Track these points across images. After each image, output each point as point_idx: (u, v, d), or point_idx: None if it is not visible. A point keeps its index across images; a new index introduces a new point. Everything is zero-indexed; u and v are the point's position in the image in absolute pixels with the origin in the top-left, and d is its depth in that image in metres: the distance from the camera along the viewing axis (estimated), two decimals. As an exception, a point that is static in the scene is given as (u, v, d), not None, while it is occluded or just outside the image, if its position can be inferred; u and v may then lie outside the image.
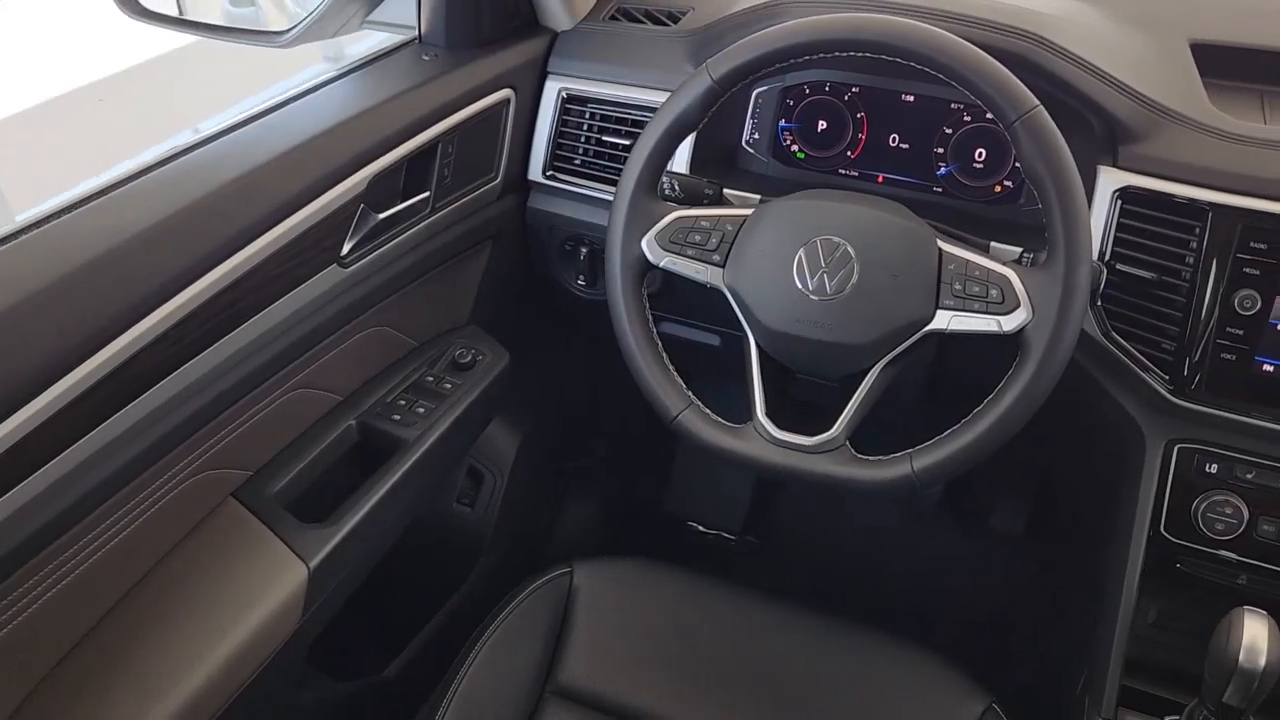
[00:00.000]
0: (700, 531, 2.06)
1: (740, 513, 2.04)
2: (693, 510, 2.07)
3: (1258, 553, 1.11)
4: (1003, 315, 0.98)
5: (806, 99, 1.30)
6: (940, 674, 1.20)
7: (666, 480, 2.09)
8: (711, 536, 2.06)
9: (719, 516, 2.05)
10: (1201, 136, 1.08)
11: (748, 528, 2.04)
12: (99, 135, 2.69)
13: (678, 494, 2.08)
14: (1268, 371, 1.06)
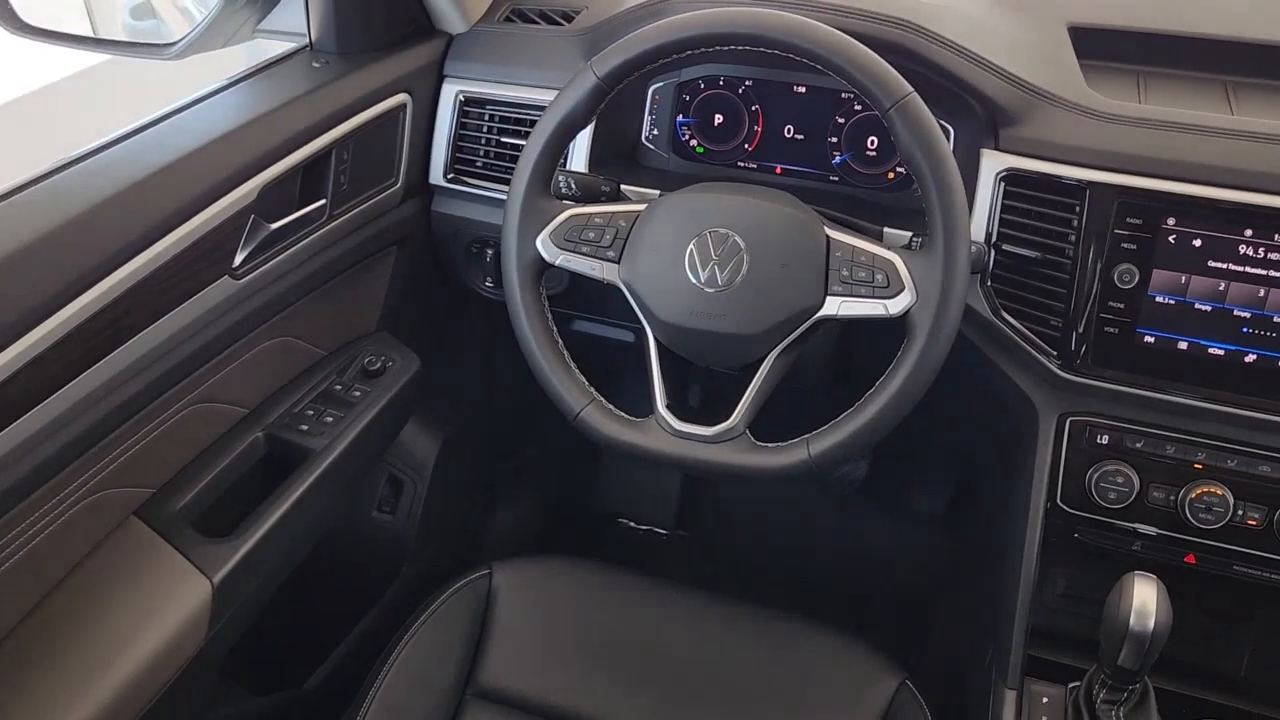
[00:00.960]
0: (632, 528, 2.07)
1: (670, 507, 2.05)
2: (624, 507, 2.08)
3: (1150, 519, 1.14)
4: (888, 299, 1.00)
5: (702, 94, 1.31)
6: (854, 655, 1.22)
7: (597, 478, 2.10)
8: (643, 532, 2.07)
9: (650, 512, 2.06)
10: (1078, 117, 1.11)
11: (679, 522, 2.06)
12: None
13: (608, 491, 2.09)
14: (1149, 343, 1.09)
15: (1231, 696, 1.22)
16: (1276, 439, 1.10)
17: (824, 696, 1.18)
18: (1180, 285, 1.07)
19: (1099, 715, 1.03)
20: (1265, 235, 1.04)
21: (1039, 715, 1.14)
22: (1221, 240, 1.05)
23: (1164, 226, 1.06)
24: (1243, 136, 1.07)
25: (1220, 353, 1.07)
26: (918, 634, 1.80)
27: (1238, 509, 1.11)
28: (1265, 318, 1.05)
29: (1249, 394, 1.08)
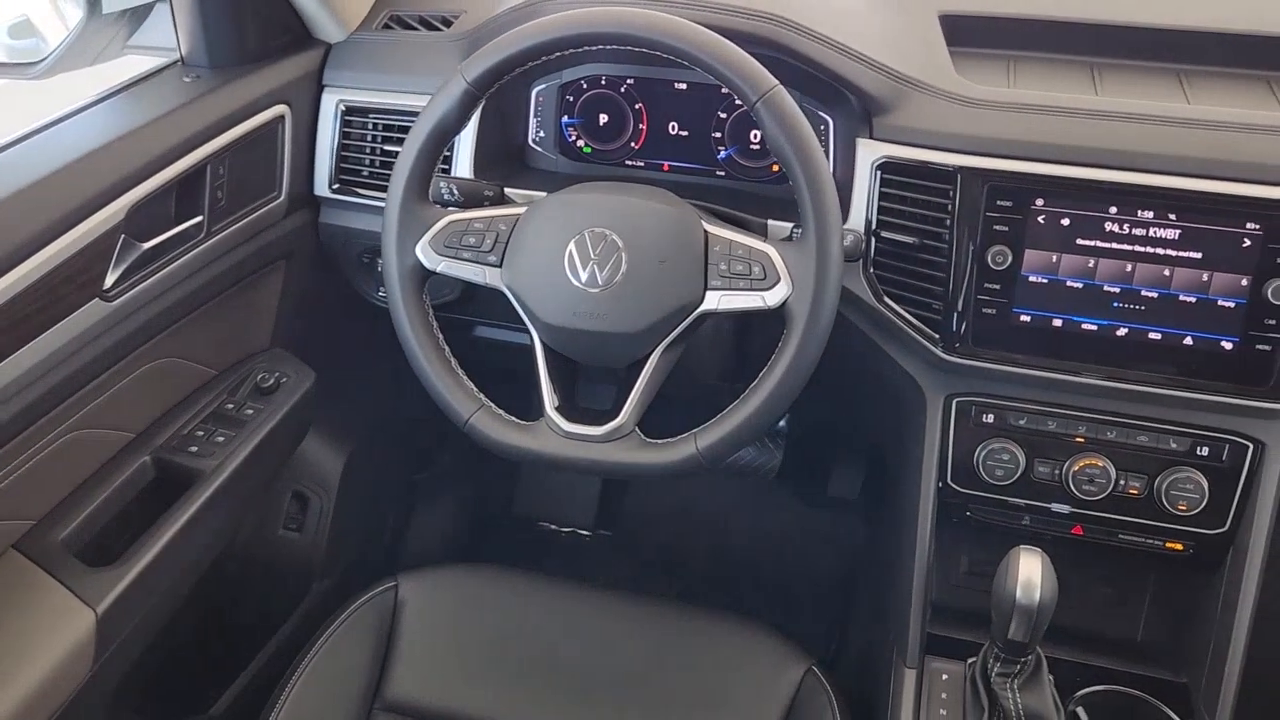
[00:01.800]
0: (554, 531, 2.07)
1: (592, 508, 2.05)
2: (545, 510, 2.07)
3: (1036, 493, 1.17)
4: (766, 291, 1.01)
5: (585, 94, 1.31)
6: (761, 644, 1.23)
7: (517, 483, 2.09)
8: (566, 534, 2.07)
9: (571, 513, 2.06)
10: (948, 104, 1.13)
11: (600, 522, 2.06)
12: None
13: (529, 495, 2.09)
14: (1026, 322, 1.11)
15: (1128, 661, 1.25)
16: (1152, 409, 1.13)
17: (731, 688, 1.19)
18: (1052, 264, 1.09)
19: (994, 688, 1.05)
20: (1129, 212, 1.07)
21: (939, 692, 1.16)
22: (1088, 219, 1.08)
23: (1033, 207, 1.08)
24: (1106, 117, 1.10)
25: (1093, 328, 1.10)
26: (837, 620, 1.82)
27: (1119, 479, 1.14)
28: (1133, 292, 1.08)
29: (1122, 367, 1.11)
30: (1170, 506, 1.13)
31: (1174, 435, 1.13)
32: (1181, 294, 1.07)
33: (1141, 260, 1.07)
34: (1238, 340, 1.06)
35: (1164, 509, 1.13)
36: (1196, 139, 1.07)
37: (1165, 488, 1.12)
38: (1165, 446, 1.13)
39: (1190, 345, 1.08)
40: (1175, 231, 1.06)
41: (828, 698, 1.17)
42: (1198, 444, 1.12)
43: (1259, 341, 1.06)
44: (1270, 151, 1.05)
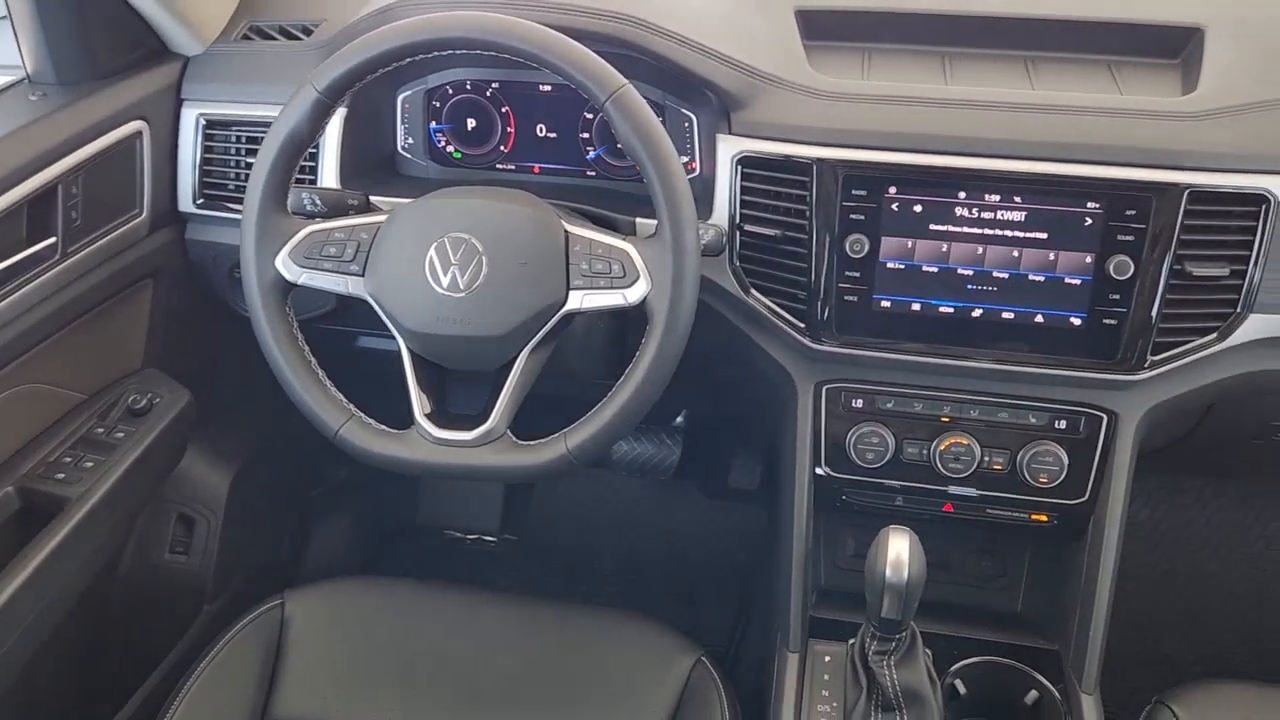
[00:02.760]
0: (458, 538, 2.06)
1: (496, 513, 2.05)
2: (449, 518, 2.06)
3: (907, 474, 1.20)
4: (626, 288, 1.02)
5: (452, 99, 1.31)
6: (652, 638, 1.24)
7: (419, 491, 2.08)
8: (471, 541, 2.06)
9: (475, 520, 2.05)
10: (802, 98, 1.16)
11: (506, 526, 2.06)
12: None
13: (432, 504, 2.07)
14: (886, 307, 1.14)
15: (1007, 632, 1.28)
16: (1011, 387, 1.17)
17: (621, 683, 1.20)
18: (907, 250, 1.12)
19: (871, 666, 1.07)
20: (977, 197, 1.10)
21: (821, 674, 1.19)
22: (940, 205, 1.11)
23: (886, 196, 1.11)
24: (954, 105, 1.14)
25: (950, 310, 1.13)
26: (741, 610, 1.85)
27: (984, 456, 1.17)
28: (985, 274, 1.12)
29: (980, 346, 1.14)
30: (1032, 480, 1.16)
31: (1033, 411, 1.16)
32: (1031, 274, 1.11)
33: (992, 243, 1.11)
34: (1085, 316, 1.10)
35: (1026, 482, 1.17)
36: (1039, 123, 1.11)
37: (1027, 461, 1.16)
38: (1025, 422, 1.17)
39: (1042, 323, 1.12)
40: (1022, 213, 1.10)
41: (716, 687, 1.18)
42: (1055, 418, 1.16)
43: (1105, 316, 1.10)
44: (1108, 133, 1.09)
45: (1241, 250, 1.07)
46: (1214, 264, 1.07)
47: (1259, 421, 1.25)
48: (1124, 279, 1.08)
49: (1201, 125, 1.08)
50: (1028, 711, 1.18)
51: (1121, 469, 1.16)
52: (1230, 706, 1.14)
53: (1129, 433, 1.15)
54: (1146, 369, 1.11)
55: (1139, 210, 1.06)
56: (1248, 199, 1.06)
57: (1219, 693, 1.15)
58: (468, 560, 2.04)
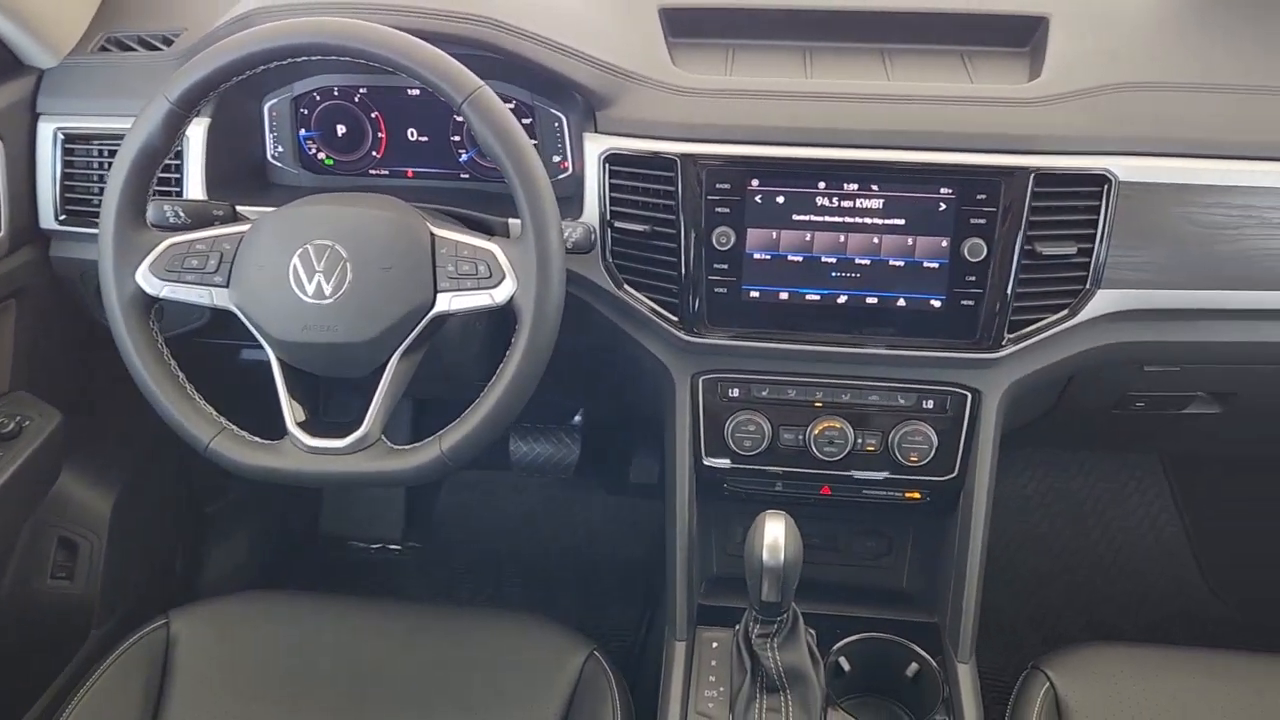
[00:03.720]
0: (362, 548, 2.04)
1: (399, 521, 2.04)
2: (352, 528, 2.05)
3: (784, 460, 1.22)
4: (493, 289, 1.02)
5: (320, 106, 1.30)
6: (544, 636, 1.25)
7: (320, 502, 2.06)
8: (376, 550, 2.05)
9: (378, 528, 2.04)
10: (666, 95, 1.17)
11: (409, 533, 2.05)
12: None
13: (334, 515, 2.05)
14: (755, 298, 1.17)
15: (892, 609, 1.32)
16: (880, 370, 1.20)
17: (514, 683, 1.20)
18: (772, 241, 1.15)
19: (755, 649, 1.10)
20: (836, 186, 1.13)
21: (709, 660, 1.21)
22: (801, 195, 1.13)
23: (750, 189, 1.13)
24: (813, 98, 1.16)
25: (816, 298, 1.16)
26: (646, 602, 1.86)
27: (857, 438, 1.21)
28: (848, 261, 1.15)
29: (847, 332, 1.17)
30: (903, 459, 1.20)
31: (901, 392, 1.20)
32: (891, 259, 1.14)
33: (853, 231, 1.14)
34: (944, 298, 1.14)
35: (898, 462, 1.20)
36: (894, 113, 1.14)
37: (898, 441, 1.20)
38: (894, 403, 1.20)
39: (904, 306, 1.15)
40: (880, 201, 1.13)
41: (608, 680, 1.19)
42: (923, 398, 1.20)
43: (962, 298, 1.14)
44: (959, 120, 1.13)
45: (1087, 229, 1.12)
46: (1062, 243, 1.12)
47: (1117, 392, 1.30)
48: (978, 261, 1.12)
49: (1044, 110, 1.13)
50: (909, 684, 1.22)
51: (987, 444, 1.20)
52: (1100, 668, 1.18)
53: (992, 409, 1.19)
54: (1004, 347, 1.15)
55: (989, 194, 1.10)
56: (1090, 179, 1.10)
57: (1091, 656, 1.20)
58: (373, 570, 2.02)
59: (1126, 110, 1.13)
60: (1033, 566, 1.95)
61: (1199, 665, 1.19)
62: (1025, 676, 1.19)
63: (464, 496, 2.07)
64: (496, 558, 2.01)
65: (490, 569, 1.99)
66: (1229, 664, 1.20)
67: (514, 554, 2.00)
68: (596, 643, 1.23)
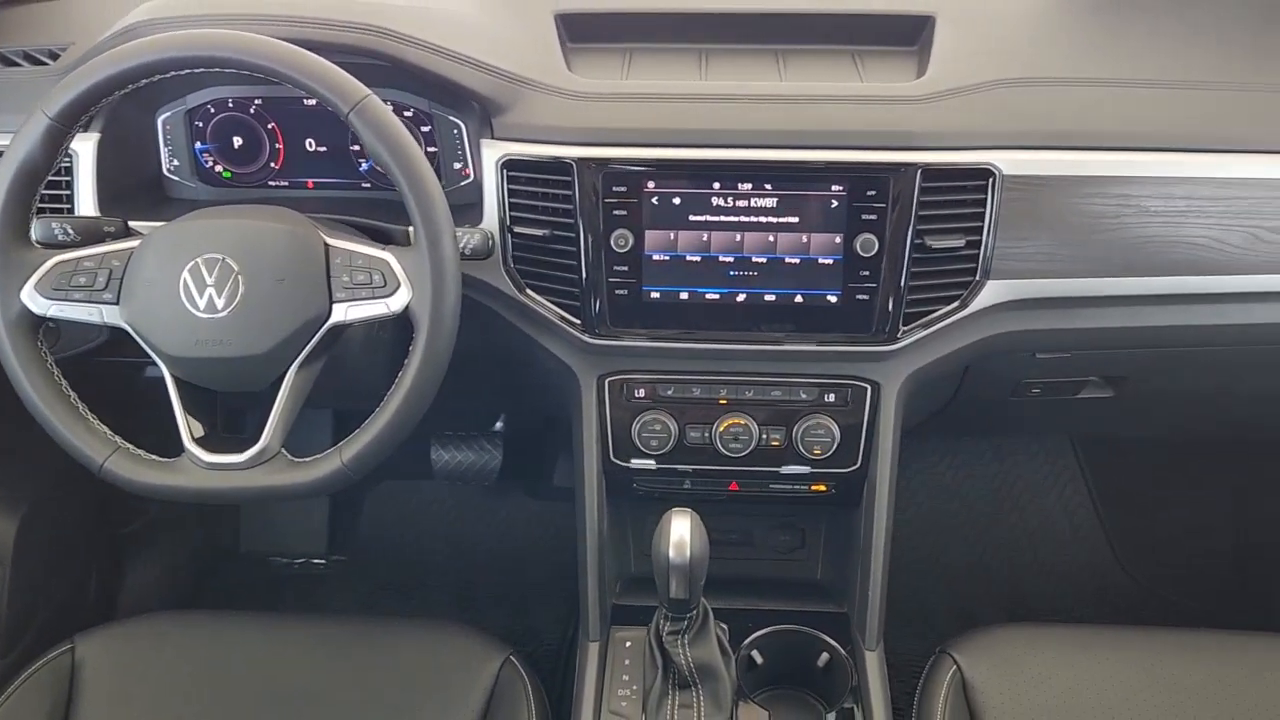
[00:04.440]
0: (286, 564, 2.02)
1: (322, 535, 2.02)
2: (274, 544, 2.02)
3: (691, 457, 1.24)
4: (388, 297, 1.02)
5: (214, 118, 1.29)
6: (460, 643, 1.25)
7: (239, 519, 2.03)
8: (299, 566, 2.02)
9: (301, 543, 2.02)
10: (561, 100, 1.18)
11: (333, 547, 2.03)
12: None
13: (255, 531, 2.03)
14: (656, 298, 1.18)
15: (806, 601, 1.34)
16: (780, 365, 1.22)
17: (431, 691, 1.20)
18: (670, 242, 1.16)
19: (666, 647, 1.11)
20: (731, 186, 1.14)
21: (623, 659, 1.22)
22: (697, 196, 1.15)
23: (646, 190, 1.15)
24: (708, 100, 1.18)
25: (716, 297, 1.18)
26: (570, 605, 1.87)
27: (762, 434, 1.22)
28: (745, 259, 1.16)
29: (748, 330, 1.19)
30: (808, 452, 1.22)
31: (803, 387, 1.22)
32: (787, 257, 1.16)
33: (749, 229, 1.15)
34: (840, 294, 1.16)
35: (803, 455, 1.22)
36: (785, 113, 1.16)
37: (801, 435, 1.22)
38: (797, 398, 1.22)
39: (801, 303, 1.17)
40: (774, 199, 1.15)
41: (524, 684, 1.19)
42: (824, 392, 1.22)
43: (857, 293, 1.16)
44: (849, 119, 1.16)
45: (975, 222, 1.15)
46: (951, 236, 1.15)
47: (1013, 380, 1.34)
48: (870, 256, 1.14)
49: (929, 107, 1.15)
50: (821, 674, 1.24)
51: (888, 435, 1.22)
52: (1004, 649, 1.21)
53: (891, 400, 1.22)
54: (900, 339, 1.18)
55: (879, 190, 1.13)
56: (975, 173, 1.13)
57: (996, 637, 1.23)
58: (296, 586, 2.00)
59: (1009, 105, 1.16)
60: (952, 554, 1.99)
61: (1099, 641, 1.23)
62: (933, 661, 1.21)
63: (388, 507, 2.06)
64: (422, 568, 2.00)
65: (416, 579, 1.98)
66: (1129, 639, 1.24)
67: (440, 563, 1.99)
68: (513, 647, 1.24)
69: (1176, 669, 1.18)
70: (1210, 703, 1.14)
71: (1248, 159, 1.15)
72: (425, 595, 1.95)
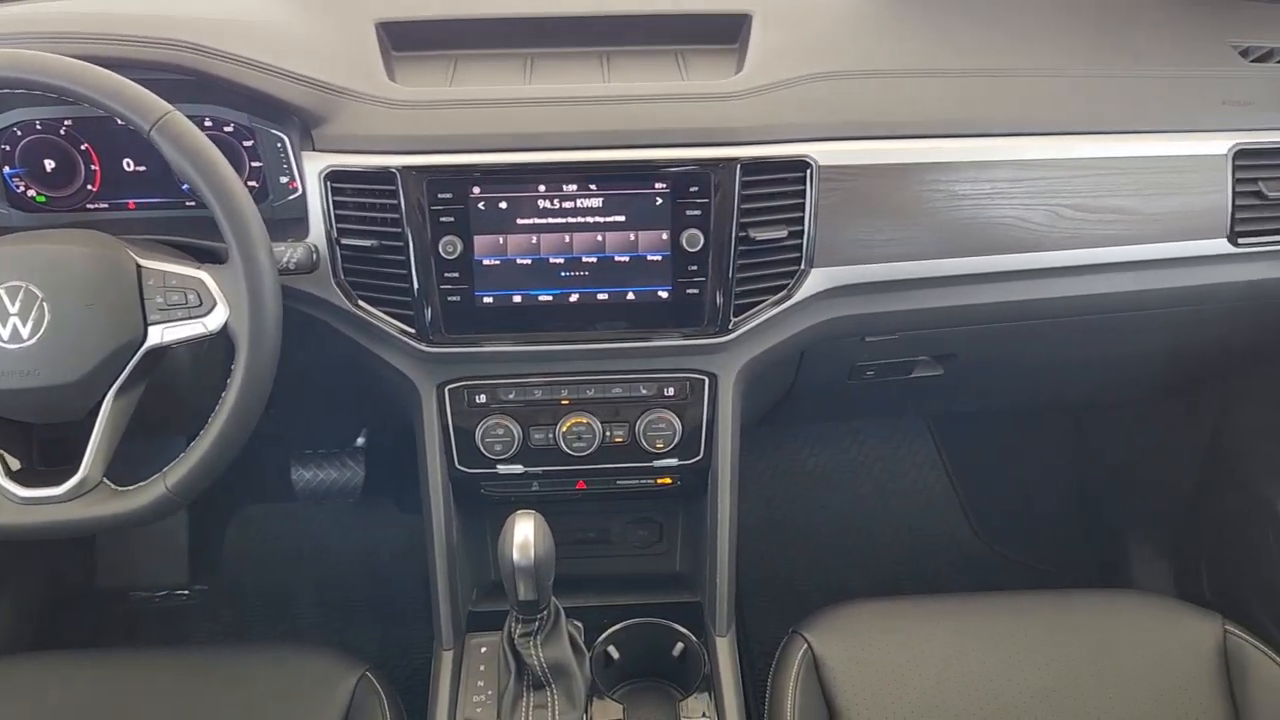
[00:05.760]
0: (146, 598, 1.95)
1: (183, 564, 1.96)
2: (131, 577, 1.95)
3: (537, 459, 1.25)
4: (205, 316, 1.01)
5: (22, 141, 1.24)
6: (313, 663, 1.23)
7: (95, 553, 1.95)
8: (161, 598, 1.96)
9: (161, 575, 1.95)
10: (381, 109, 1.17)
11: (195, 576, 1.97)
12: None
13: (112, 565, 1.95)
14: (489, 303, 1.18)
15: (665, 593, 1.36)
16: (619, 363, 1.24)
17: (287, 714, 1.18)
18: (500, 246, 1.16)
19: (518, 649, 1.11)
20: (556, 188, 1.15)
21: (478, 665, 1.22)
22: (524, 199, 1.16)
23: (472, 196, 1.15)
24: (531, 103, 1.19)
25: (549, 299, 1.19)
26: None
27: (605, 431, 1.24)
28: (576, 260, 1.18)
29: (583, 329, 1.20)
30: (650, 447, 1.24)
31: (643, 382, 1.24)
32: (616, 255, 1.17)
33: (577, 230, 1.17)
34: (671, 289, 1.19)
35: (646, 450, 1.24)
36: (608, 114, 1.18)
37: (644, 430, 1.24)
38: (637, 394, 1.24)
39: (634, 300, 1.19)
40: (600, 199, 1.16)
41: (380, 699, 1.18)
42: (664, 386, 1.24)
43: (687, 287, 1.18)
44: (671, 118, 1.18)
45: (796, 213, 1.18)
46: (773, 228, 1.18)
47: (847, 363, 1.38)
48: (697, 250, 1.17)
49: (746, 103, 1.18)
50: (677, 663, 1.26)
51: (727, 425, 1.25)
52: (853, 624, 1.25)
53: (729, 391, 1.24)
54: (733, 330, 1.20)
55: (701, 186, 1.15)
56: (793, 165, 1.17)
57: (845, 614, 1.27)
58: (159, 619, 1.94)
59: (822, 98, 1.20)
60: (817, 537, 2.05)
61: (938, 609, 1.28)
62: (786, 641, 1.24)
63: (251, 532, 2.01)
64: (291, 590, 1.96)
65: (284, 603, 1.94)
66: (966, 605, 1.30)
67: (308, 584, 1.96)
68: (369, 663, 1.22)
69: (1010, 629, 1.24)
70: (1038, 658, 1.20)
71: (1044, 141, 1.22)
72: (295, 618, 1.92)
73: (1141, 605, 1.29)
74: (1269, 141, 1.25)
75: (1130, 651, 1.21)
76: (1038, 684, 1.18)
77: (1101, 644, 1.22)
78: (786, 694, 1.17)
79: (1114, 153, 1.23)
